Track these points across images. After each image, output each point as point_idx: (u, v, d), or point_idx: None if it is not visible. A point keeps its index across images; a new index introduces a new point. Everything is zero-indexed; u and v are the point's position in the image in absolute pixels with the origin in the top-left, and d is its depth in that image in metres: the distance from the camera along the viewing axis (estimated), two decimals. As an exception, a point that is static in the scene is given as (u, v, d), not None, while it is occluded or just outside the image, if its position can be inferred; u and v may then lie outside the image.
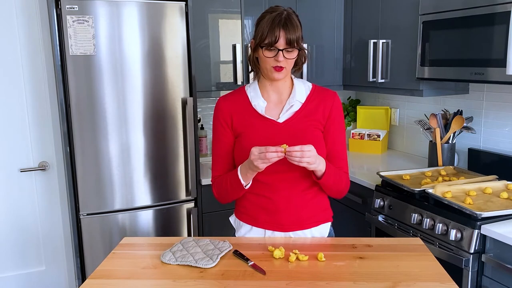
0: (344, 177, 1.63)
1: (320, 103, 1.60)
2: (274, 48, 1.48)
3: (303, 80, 1.66)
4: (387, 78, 2.76)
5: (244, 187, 1.55)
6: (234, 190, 1.58)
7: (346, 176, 1.64)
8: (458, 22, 2.16)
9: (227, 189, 1.60)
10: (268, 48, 1.49)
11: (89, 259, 2.49)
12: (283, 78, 1.55)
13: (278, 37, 1.47)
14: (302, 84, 1.63)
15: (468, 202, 1.94)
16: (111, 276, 1.34)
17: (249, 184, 1.56)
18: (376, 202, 2.37)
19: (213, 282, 1.29)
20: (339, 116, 1.63)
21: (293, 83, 1.62)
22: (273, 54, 1.49)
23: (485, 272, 1.86)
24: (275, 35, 1.46)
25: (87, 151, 2.40)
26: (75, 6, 2.27)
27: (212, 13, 2.78)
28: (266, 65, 1.52)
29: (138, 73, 2.44)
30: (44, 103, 2.61)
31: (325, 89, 1.65)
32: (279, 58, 1.48)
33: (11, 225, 2.64)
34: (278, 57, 1.48)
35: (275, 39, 1.47)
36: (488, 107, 2.51)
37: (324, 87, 1.66)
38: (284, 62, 1.50)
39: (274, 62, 1.50)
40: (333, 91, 1.65)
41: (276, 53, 1.48)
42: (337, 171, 1.59)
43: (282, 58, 1.48)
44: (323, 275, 1.32)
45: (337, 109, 1.62)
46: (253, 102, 1.59)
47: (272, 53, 1.49)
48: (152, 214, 2.59)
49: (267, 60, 1.51)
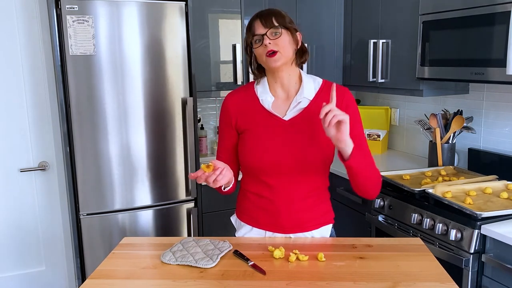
0: (373, 163, 1.52)
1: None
2: (258, 37, 1.48)
3: (313, 76, 1.61)
4: (387, 78, 2.76)
5: (223, 189, 1.55)
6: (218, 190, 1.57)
7: (374, 163, 1.53)
8: (458, 22, 2.15)
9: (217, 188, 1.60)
10: (255, 41, 1.49)
11: (89, 259, 2.49)
12: (281, 64, 1.50)
13: (254, 26, 1.49)
14: (312, 80, 1.59)
15: (468, 202, 1.94)
16: (111, 276, 1.34)
17: (228, 187, 1.55)
18: (376, 202, 2.37)
19: (213, 282, 1.29)
20: (352, 111, 1.54)
21: (301, 79, 1.58)
22: (260, 43, 1.48)
23: (485, 272, 1.86)
24: (252, 26, 1.49)
25: (87, 151, 2.40)
26: (75, 6, 2.27)
27: (212, 13, 2.78)
28: (261, 58, 1.51)
29: (138, 73, 2.44)
30: (44, 103, 2.61)
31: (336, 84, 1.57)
32: (265, 41, 1.46)
33: (11, 225, 2.64)
34: (264, 41, 1.47)
35: (253, 29, 1.49)
36: (488, 107, 2.51)
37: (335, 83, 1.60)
38: (273, 45, 1.47)
39: (264, 49, 1.48)
40: (344, 87, 1.59)
41: (261, 41, 1.48)
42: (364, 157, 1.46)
43: (268, 41, 1.46)
44: (323, 275, 1.32)
45: (349, 104, 1.55)
46: (261, 97, 1.56)
47: (258, 43, 1.49)
48: (152, 214, 2.59)
49: (259, 52, 1.50)
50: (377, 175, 1.54)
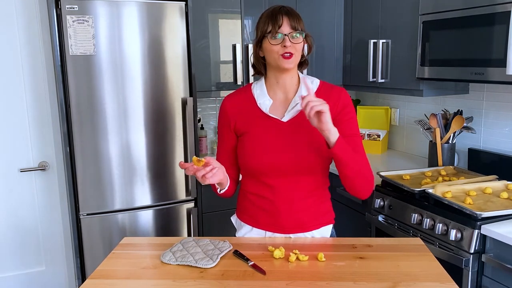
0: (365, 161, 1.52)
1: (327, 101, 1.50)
2: (280, 34, 1.45)
3: (310, 77, 1.62)
4: (387, 78, 2.76)
5: (218, 191, 1.59)
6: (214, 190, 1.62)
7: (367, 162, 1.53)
8: (458, 22, 2.15)
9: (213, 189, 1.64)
10: (273, 36, 1.45)
11: (89, 259, 2.49)
12: (292, 67, 1.50)
13: (282, 21, 1.45)
14: (309, 81, 1.59)
15: (468, 202, 1.94)
16: (111, 276, 1.34)
17: (223, 189, 1.57)
18: (376, 202, 2.37)
19: (213, 282, 1.29)
20: (348, 111, 1.55)
21: (299, 80, 1.58)
22: (279, 41, 1.45)
23: (485, 272, 1.86)
24: (278, 20, 1.45)
25: (87, 151, 2.40)
26: (75, 6, 2.27)
27: (212, 13, 2.78)
28: (273, 55, 1.47)
29: (138, 73, 2.44)
30: (44, 103, 2.61)
31: (333, 85, 1.60)
32: (287, 43, 1.44)
33: (11, 225, 2.64)
34: (285, 42, 1.44)
35: (279, 24, 1.45)
36: (488, 107, 2.51)
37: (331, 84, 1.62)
38: (292, 48, 1.46)
39: (281, 49, 1.45)
40: (341, 87, 1.60)
41: (282, 39, 1.45)
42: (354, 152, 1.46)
43: (289, 43, 1.45)
44: (323, 275, 1.32)
45: (345, 104, 1.55)
46: (258, 101, 1.56)
47: (277, 40, 1.45)
48: (152, 214, 2.59)
49: (274, 49, 1.46)
50: (368, 173, 1.52)
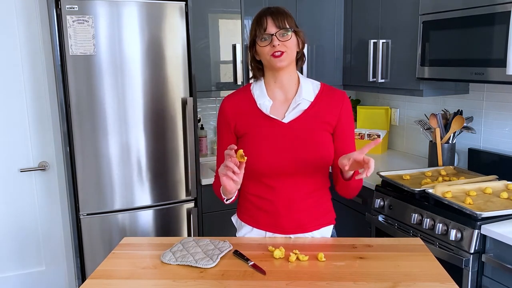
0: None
1: (329, 104, 1.56)
2: (267, 35, 1.47)
3: (311, 80, 1.62)
4: (387, 78, 2.76)
5: (225, 201, 1.56)
6: (221, 199, 1.59)
7: None
8: (458, 22, 2.15)
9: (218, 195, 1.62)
10: (261, 38, 1.48)
11: (89, 259, 2.49)
12: (285, 65, 1.51)
13: (266, 23, 1.48)
14: (310, 82, 1.60)
15: (468, 202, 1.94)
16: (111, 276, 1.34)
17: (230, 199, 1.56)
18: (376, 202, 2.37)
19: (213, 282, 1.29)
20: (349, 117, 1.60)
21: (299, 81, 1.58)
22: (267, 42, 1.48)
23: (485, 272, 1.86)
24: (263, 23, 1.48)
25: (87, 151, 2.40)
26: (75, 6, 2.27)
27: (212, 13, 2.78)
28: (265, 56, 1.50)
29: (138, 73, 2.44)
30: (44, 103, 2.61)
31: (335, 89, 1.61)
32: (275, 43, 1.46)
33: (11, 225, 2.64)
34: (273, 42, 1.47)
35: (264, 26, 1.48)
36: (488, 107, 2.51)
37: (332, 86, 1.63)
38: (282, 46, 1.47)
39: (271, 49, 1.48)
40: (343, 91, 1.62)
41: (270, 40, 1.47)
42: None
43: (277, 42, 1.47)
44: (323, 275, 1.32)
45: (347, 110, 1.59)
46: (258, 101, 1.56)
47: (266, 42, 1.48)
48: (152, 214, 2.59)
49: (264, 50, 1.49)
50: (361, 182, 1.58)
